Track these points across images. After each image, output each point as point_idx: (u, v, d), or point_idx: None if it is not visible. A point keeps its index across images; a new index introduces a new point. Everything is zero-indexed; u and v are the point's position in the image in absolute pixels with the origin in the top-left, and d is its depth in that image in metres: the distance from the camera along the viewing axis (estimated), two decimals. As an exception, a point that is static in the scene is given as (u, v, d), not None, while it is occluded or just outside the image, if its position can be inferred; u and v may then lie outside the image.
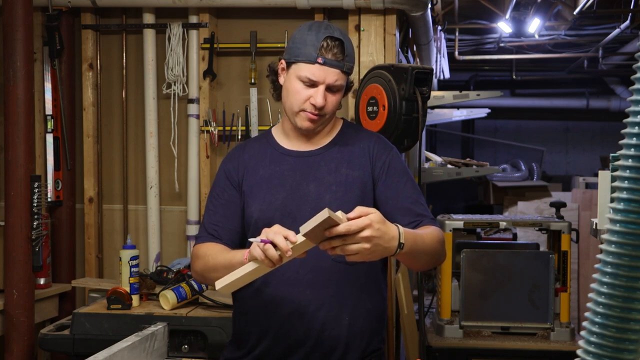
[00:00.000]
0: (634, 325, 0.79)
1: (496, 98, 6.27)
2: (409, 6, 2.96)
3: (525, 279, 2.78)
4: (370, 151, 1.85)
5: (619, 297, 0.78)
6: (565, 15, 5.78)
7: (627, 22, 5.68)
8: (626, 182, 0.78)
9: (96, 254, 3.20)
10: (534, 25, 6.02)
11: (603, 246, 0.80)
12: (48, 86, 3.13)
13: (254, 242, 1.49)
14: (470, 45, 7.37)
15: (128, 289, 2.51)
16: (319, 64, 1.75)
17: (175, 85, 3.12)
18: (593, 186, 6.13)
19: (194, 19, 3.10)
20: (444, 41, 5.60)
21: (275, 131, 1.94)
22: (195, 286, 2.58)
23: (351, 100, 2.90)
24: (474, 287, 2.79)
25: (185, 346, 2.40)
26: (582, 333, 0.83)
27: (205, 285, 2.58)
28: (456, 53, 6.80)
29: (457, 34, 6.69)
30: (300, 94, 1.78)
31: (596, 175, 3.60)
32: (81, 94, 3.18)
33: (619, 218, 0.78)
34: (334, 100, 1.80)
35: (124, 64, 3.20)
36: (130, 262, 2.53)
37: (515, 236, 3.29)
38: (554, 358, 2.71)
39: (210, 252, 1.77)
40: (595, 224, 2.14)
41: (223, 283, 1.52)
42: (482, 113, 5.59)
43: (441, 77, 5.64)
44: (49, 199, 3.07)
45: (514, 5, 5.37)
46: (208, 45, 3.06)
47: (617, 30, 5.97)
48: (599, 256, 0.81)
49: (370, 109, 2.53)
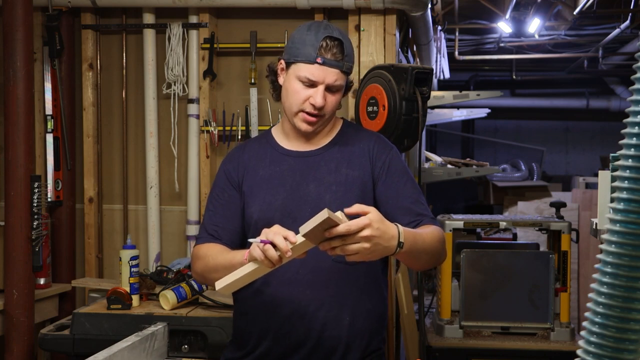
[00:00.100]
0: (634, 325, 0.79)
1: (496, 98, 6.26)
2: (409, 6, 2.96)
3: (525, 279, 2.78)
4: (370, 151, 1.85)
5: (619, 297, 0.78)
6: (565, 15, 5.78)
7: (627, 22, 5.68)
8: (626, 182, 0.78)
9: (96, 254, 3.20)
10: (534, 25, 6.02)
11: (603, 246, 0.80)
12: (48, 86, 3.13)
13: (253, 243, 1.49)
14: (470, 45, 7.37)
15: (128, 289, 2.51)
16: (318, 64, 1.74)
17: (175, 85, 3.12)
18: (593, 186, 6.13)
19: (194, 19, 3.10)
20: (444, 41, 5.59)
21: (275, 131, 1.94)
22: (195, 286, 2.58)
23: (351, 100, 2.90)
24: (474, 287, 2.79)
25: (185, 346, 2.40)
26: (582, 333, 0.83)
27: (205, 285, 2.58)
28: (456, 53, 6.79)
29: (457, 34, 6.69)
30: (300, 94, 1.77)
31: (596, 175, 3.60)
32: (81, 94, 3.19)
33: (619, 218, 0.78)
34: (333, 100, 1.80)
35: (124, 64, 3.20)
36: (130, 262, 2.53)
37: (515, 236, 3.29)
38: (554, 358, 2.71)
39: (210, 253, 1.77)
40: (595, 224, 2.14)
41: (223, 283, 1.52)
42: (482, 113, 5.59)
43: (441, 77, 5.63)
44: (49, 199, 3.08)
45: (514, 5, 5.37)
46: (208, 45, 3.06)
47: (617, 30, 5.97)
48: (599, 256, 0.81)
49: (370, 109, 2.53)
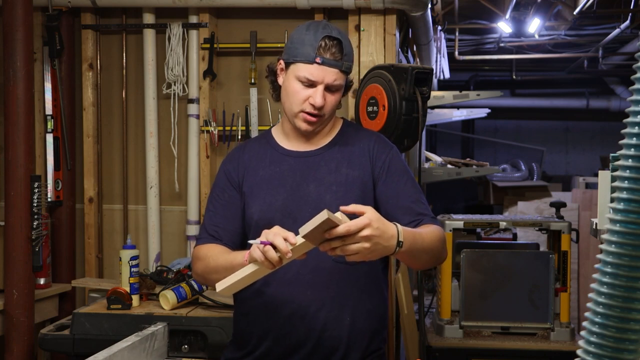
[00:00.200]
0: (634, 325, 0.79)
1: (496, 98, 6.26)
2: (409, 6, 2.96)
3: (525, 279, 2.78)
4: (370, 151, 1.85)
5: (619, 297, 0.78)
6: (565, 15, 5.78)
7: (627, 22, 5.67)
8: (626, 182, 0.78)
9: (96, 254, 3.20)
10: (534, 25, 6.02)
11: (603, 246, 0.80)
12: (48, 86, 3.13)
13: (253, 244, 1.49)
14: (470, 45, 7.37)
15: (128, 289, 2.51)
16: (317, 63, 1.74)
17: (175, 85, 3.12)
18: (593, 186, 6.13)
19: (194, 19, 3.10)
20: (444, 41, 5.59)
21: (275, 131, 1.94)
22: (195, 286, 2.58)
23: (351, 100, 2.90)
24: (474, 287, 2.79)
25: (185, 346, 2.40)
26: (582, 333, 0.83)
27: (205, 285, 2.58)
28: (456, 53, 6.79)
29: (457, 34, 6.69)
30: (299, 94, 1.77)
31: (596, 175, 3.60)
32: (81, 94, 3.19)
33: (619, 218, 0.78)
34: (333, 100, 1.80)
35: (124, 64, 3.20)
36: (130, 262, 2.53)
37: (515, 236, 3.29)
38: (554, 358, 2.71)
39: (210, 254, 1.76)
40: (595, 224, 2.14)
41: (223, 285, 1.52)
42: (482, 113, 5.59)
43: (441, 77, 5.63)
44: (49, 199, 3.07)
45: (514, 5, 5.36)
46: (208, 45, 3.06)
47: (617, 30, 5.97)
48: (599, 256, 0.81)
49: (370, 109, 2.53)
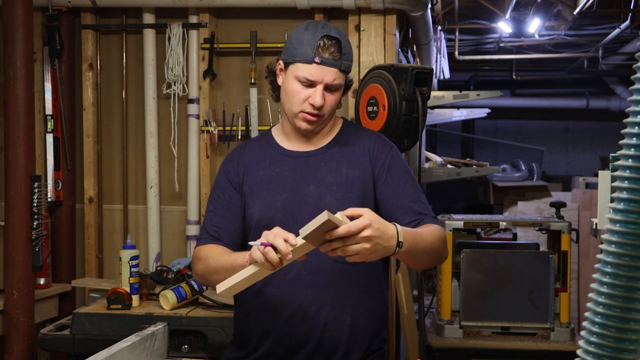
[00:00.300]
0: (634, 325, 0.79)
1: (496, 98, 6.26)
2: (409, 6, 2.96)
3: (525, 279, 2.78)
4: (370, 150, 1.85)
5: (619, 297, 0.78)
6: (565, 15, 5.78)
7: (627, 22, 5.67)
8: (626, 182, 0.78)
9: (96, 254, 3.20)
10: (534, 25, 6.02)
11: (603, 246, 0.80)
12: (48, 86, 3.13)
13: (254, 246, 1.49)
14: (470, 45, 7.37)
15: (128, 289, 2.51)
16: (316, 63, 1.74)
17: (175, 85, 3.12)
18: (593, 186, 6.13)
19: (194, 19, 3.10)
20: (444, 41, 5.59)
21: (275, 131, 1.93)
22: (195, 286, 2.58)
23: (351, 100, 2.90)
24: (474, 287, 2.79)
25: (185, 346, 2.40)
26: (582, 333, 0.83)
27: (205, 286, 2.58)
28: (456, 53, 6.79)
29: (457, 34, 6.69)
30: (299, 94, 1.77)
31: (596, 175, 3.60)
32: (81, 94, 3.18)
33: (619, 218, 0.78)
34: (332, 100, 1.79)
35: (124, 64, 3.20)
36: (130, 262, 2.53)
37: (515, 236, 3.29)
38: (554, 358, 2.71)
39: (211, 255, 1.76)
40: (595, 224, 2.14)
41: (224, 287, 1.51)
42: (482, 113, 5.59)
43: (441, 77, 5.63)
44: (49, 199, 3.07)
45: (514, 5, 5.36)
46: (208, 45, 3.06)
47: (617, 30, 5.97)
48: (599, 256, 0.81)
49: (370, 109, 2.53)
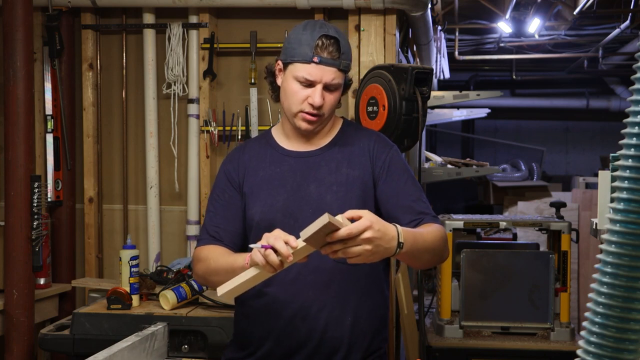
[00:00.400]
0: (634, 325, 0.79)
1: (496, 98, 6.26)
2: (409, 6, 2.96)
3: (525, 279, 2.77)
4: (370, 150, 1.85)
5: (619, 297, 0.78)
6: (565, 15, 5.78)
7: (627, 22, 5.67)
8: (626, 182, 0.78)
9: (96, 254, 3.20)
10: (534, 25, 6.02)
11: (603, 246, 0.80)
12: (48, 86, 3.13)
13: (254, 248, 1.48)
14: (470, 45, 7.37)
15: (128, 289, 2.51)
16: (315, 63, 1.74)
17: (175, 85, 3.12)
18: (593, 186, 6.13)
19: (194, 19, 3.10)
20: (444, 41, 5.59)
21: (275, 131, 1.93)
22: (195, 286, 2.58)
23: (351, 100, 2.90)
24: (474, 287, 2.79)
25: (185, 346, 2.40)
26: (582, 333, 0.83)
27: (205, 286, 2.58)
28: (456, 53, 6.79)
29: (457, 34, 6.69)
30: (298, 94, 1.77)
31: (596, 175, 3.60)
32: (81, 94, 3.19)
33: (619, 218, 0.78)
34: (332, 99, 1.79)
35: (124, 64, 3.20)
36: (130, 262, 2.53)
37: (515, 236, 3.29)
38: (554, 358, 2.71)
39: (211, 255, 1.76)
40: (595, 224, 2.14)
41: (225, 289, 1.50)
42: (482, 113, 5.59)
43: (441, 77, 5.63)
44: (49, 199, 3.07)
45: (514, 5, 5.36)
46: (208, 45, 3.06)
47: (617, 30, 5.97)
48: (599, 256, 0.81)
49: (370, 109, 2.53)
